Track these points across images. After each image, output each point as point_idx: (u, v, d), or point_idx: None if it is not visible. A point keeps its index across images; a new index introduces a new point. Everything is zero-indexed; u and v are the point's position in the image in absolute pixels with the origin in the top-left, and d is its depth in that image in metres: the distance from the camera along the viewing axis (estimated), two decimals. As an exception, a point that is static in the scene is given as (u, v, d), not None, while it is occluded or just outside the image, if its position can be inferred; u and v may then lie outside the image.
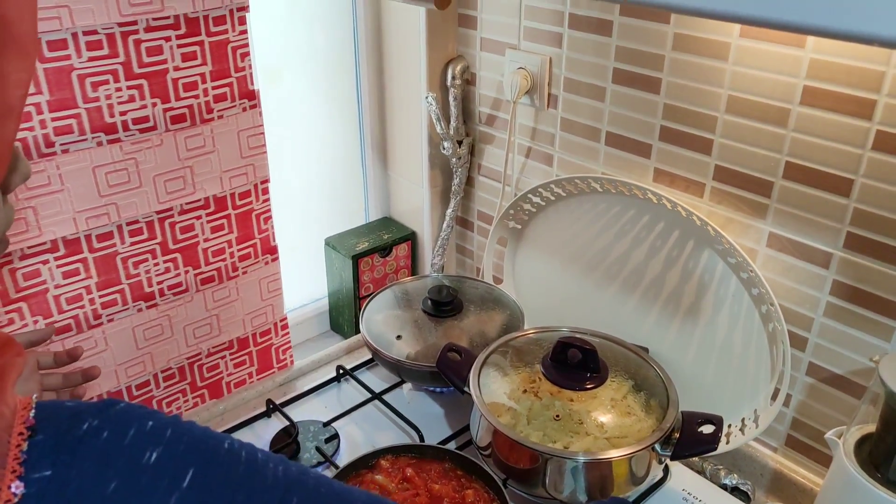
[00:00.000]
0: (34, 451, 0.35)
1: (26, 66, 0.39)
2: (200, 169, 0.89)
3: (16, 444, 0.35)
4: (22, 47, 0.39)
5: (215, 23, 0.85)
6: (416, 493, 0.76)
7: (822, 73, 0.71)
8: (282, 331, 1.08)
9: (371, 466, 0.79)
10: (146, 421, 0.38)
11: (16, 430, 0.35)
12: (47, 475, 0.34)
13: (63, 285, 0.84)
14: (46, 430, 0.36)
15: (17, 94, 0.39)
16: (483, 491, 0.77)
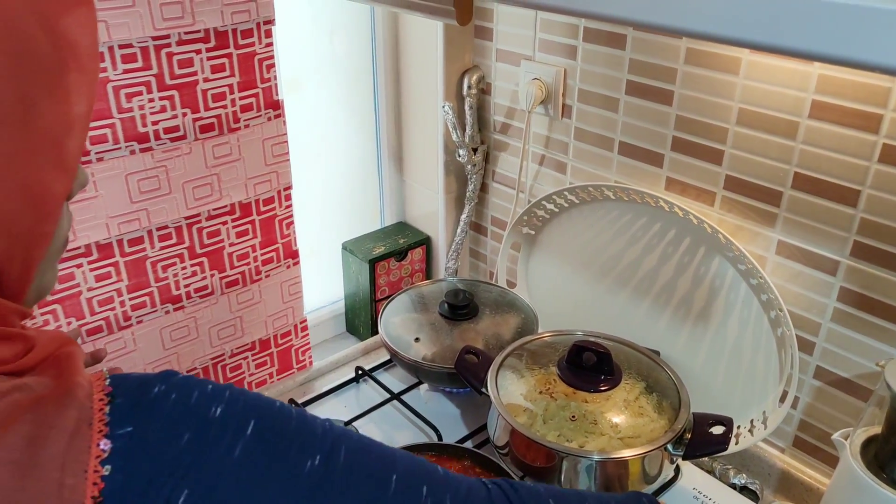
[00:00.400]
0: (115, 413, 0.39)
1: (88, 83, 0.42)
2: (227, 176, 0.92)
3: (98, 408, 0.39)
4: (84, 66, 0.42)
5: (243, 36, 0.88)
6: None
7: (830, 88, 0.74)
8: (301, 332, 1.11)
9: None
10: (206, 385, 0.42)
11: (96, 396, 0.39)
12: (129, 430, 0.38)
13: (95, 288, 0.88)
14: (123, 395, 0.40)
15: (80, 111, 0.42)
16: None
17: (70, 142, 0.41)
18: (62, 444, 0.37)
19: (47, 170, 0.40)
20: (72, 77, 0.41)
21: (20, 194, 0.39)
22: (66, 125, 0.41)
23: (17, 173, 0.39)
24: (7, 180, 0.39)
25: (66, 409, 0.38)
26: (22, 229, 0.40)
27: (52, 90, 0.40)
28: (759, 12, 0.44)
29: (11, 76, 0.38)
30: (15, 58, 0.38)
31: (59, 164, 0.41)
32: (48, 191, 0.41)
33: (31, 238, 0.41)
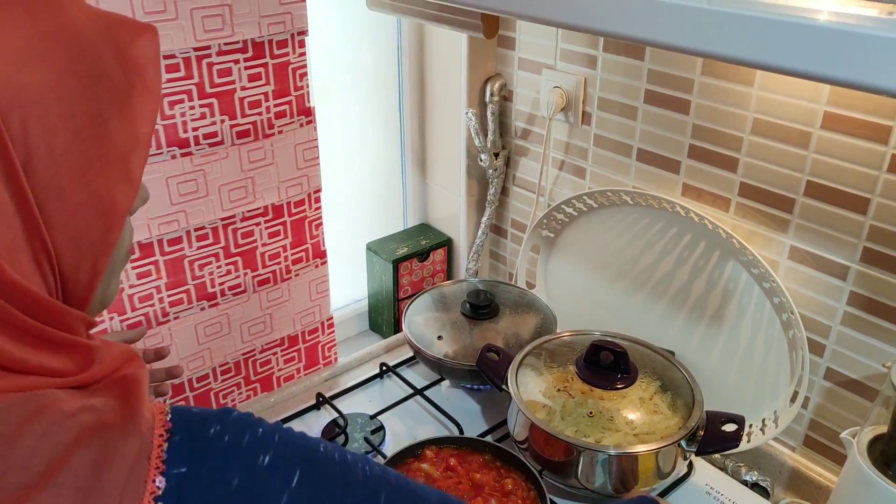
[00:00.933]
0: (172, 451, 0.41)
1: (152, 104, 0.46)
2: (260, 179, 0.97)
3: (158, 444, 0.41)
4: (149, 88, 0.45)
5: (278, 46, 0.92)
6: (459, 481, 0.83)
7: (841, 100, 0.77)
8: (328, 329, 1.15)
9: (417, 456, 0.86)
10: (257, 428, 0.43)
11: (157, 431, 0.41)
12: (183, 471, 0.40)
13: (137, 285, 0.92)
14: (181, 432, 0.42)
15: (145, 129, 0.45)
16: (521, 480, 0.83)
17: (135, 158, 0.44)
18: (124, 474, 0.39)
19: (115, 183, 0.43)
20: (138, 98, 0.44)
21: (90, 206, 0.42)
22: (133, 142, 0.44)
23: (88, 186, 0.41)
24: (79, 192, 0.41)
25: (129, 438, 0.40)
26: (90, 239, 0.43)
27: (122, 110, 0.43)
28: (768, 37, 0.48)
29: (87, 96, 0.41)
30: (90, 79, 0.41)
31: (126, 178, 0.44)
32: (115, 203, 0.43)
33: (97, 248, 0.43)
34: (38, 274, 0.41)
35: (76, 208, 0.41)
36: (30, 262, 0.41)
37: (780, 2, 0.52)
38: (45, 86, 0.39)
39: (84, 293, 0.44)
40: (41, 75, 0.39)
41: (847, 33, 0.46)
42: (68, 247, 0.42)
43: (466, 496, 0.81)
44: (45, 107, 0.39)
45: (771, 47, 0.49)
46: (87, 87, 0.41)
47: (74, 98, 0.41)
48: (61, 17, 0.41)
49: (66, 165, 0.40)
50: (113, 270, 0.48)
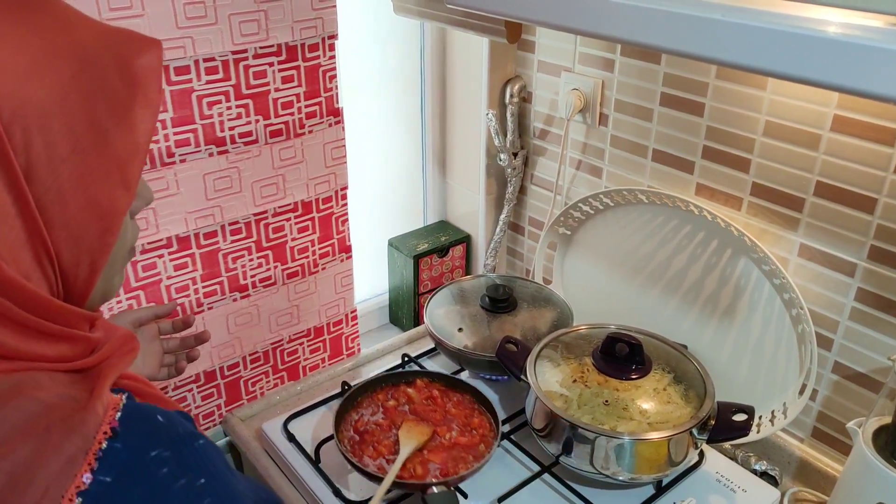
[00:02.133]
0: (109, 456, 0.41)
1: (151, 115, 0.48)
2: (291, 177, 1.01)
3: (98, 441, 0.42)
4: (149, 100, 0.47)
5: (310, 49, 0.97)
6: (435, 409, 0.94)
7: (850, 104, 0.80)
8: (351, 321, 1.20)
9: (409, 382, 0.98)
10: (199, 477, 0.43)
11: (102, 428, 0.42)
12: (107, 481, 0.41)
13: (174, 276, 0.97)
14: (126, 440, 0.42)
15: (143, 139, 0.47)
16: (487, 422, 0.93)
17: (133, 165, 0.47)
18: (58, 467, 0.40)
19: (113, 189, 0.45)
20: (138, 110, 0.46)
21: (88, 210, 0.44)
22: (132, 151, 0.46)
23: (87, 191, 0.44)
24: (78, 197, 0.44)
25: (73, 437, 0.41)
26: (88, 240, 0.45)
27: (122, 121, 0.45)
28: (780, 48, 0.52)
29: (88, 109, 0.44)
30: (91, 93, 0.44)
31: (123, 184, 0.46)
32: (112, 207, 0.46)
33: (96, 248, 0.46)
34: (39, 271, 0.44)
35: (75, 211, 0.44)
36: (31, 260, 0.43)
37: (790, 12, 0.56)
38: (48, 100, 0.42)
39: (83, 288, 0.47)
40: (44, 90, 0.42)
41: (854, 45, 0.50)
42: (68, 246, 0.44)
43: (438, 422, 0.91)
44: (47, 119, 0.42)
45: (782, 57, 0.53)
46: (89, 100, 0.44)
47: (76, 111, 0.43)
48: (66, 35, 0.44)
49: (65, 172, 0.43)
50: (114, 267, 0.50)
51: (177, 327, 0.85)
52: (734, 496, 0.90)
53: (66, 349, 0.46)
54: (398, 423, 0.91)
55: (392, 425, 0.91)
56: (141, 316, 0.81)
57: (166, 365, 0.84)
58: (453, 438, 0.90)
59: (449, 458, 0.87)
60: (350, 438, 0.90)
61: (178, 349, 0.85)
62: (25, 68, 0.41)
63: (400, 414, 0.93)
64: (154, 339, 0.83)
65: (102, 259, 0.47)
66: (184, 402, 1.06)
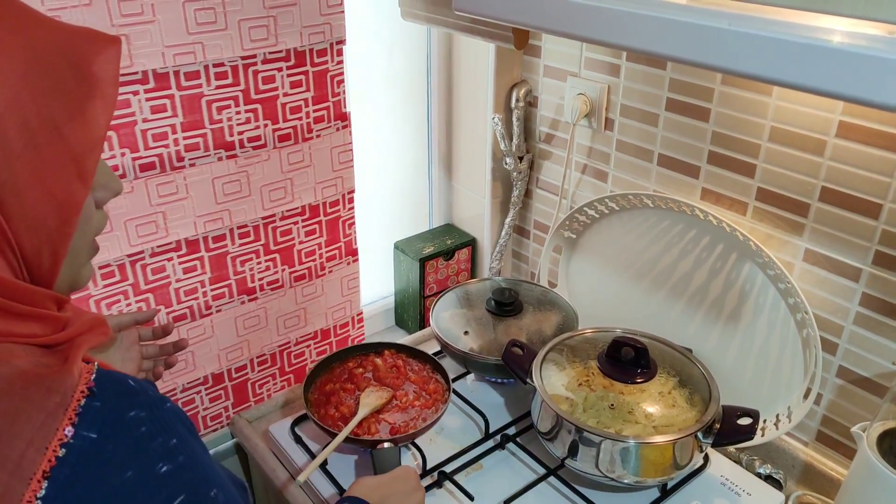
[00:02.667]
0: (89, 412, 0.44)
1: (107, 107, 0.49)
2: (299, 181, 1.02)
3: (77, 398, 0.44)
4: (105, 94, 0.49)
5: (318, 55, 0.97)
6: (397, 377, 1.01)
7: (855, 111, 0.81)
8: (358, 324, 1.21)
9: (378, 352, 1.05)
10: (171, 437, 0.47)
11: (79, 388, 0.45)
12: (93, 437, 0.44)
13: (183, 279, 0.98)
14: (104, 399, 0.45)
15: (99, 132, 0.49)
16: (442, 388, 1.01)
17: (89, 158, 0.48)
18: (38, 422, 0.43)
19: (69, 182, 0.47)
20: (94, 106, 0.48)
21: (45, 201, 0.46)
22: (87, 145, 0.48)
23: (44, 184, 0.46)
24: (36, 189, 0.45)
25: (52, 394, 0.44)
26: (47, 230, 0.47)
27: (75, 117, 0.47)
28: (784, 57, 0.52)
29: (40, 105, 0.45)
30: (43, 91, 0.45)
31: (80, 176, 0.48)
32: (70, 199, 0.47)
33: (55, 238, 0.48)
34: (3, 259, 0.46)
35: (33, 203, 0.46)
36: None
37: (796, 21, 0.56)
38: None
39: (48, 277, 0.49)
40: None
41: (858, 55, 0.50)
42: (28, 236, 0.46)
43: (397, 388, 0.99)
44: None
45: (787, 67, 0.54)
46: (41, 97, 0.45)
47: (27, 108, 0.44)
48: (17, 36, 0.45)
49: (20, 167, 0.44)
50: (79, 257, 0.52)
51: (156, 334, 0.86)
52: (739, 500, 0.90)
53: (37, 328, 0.48)
54: (362, 387, 0.99)
55: (356, 389, 0.99)
56: (122, 321, 0.83)
57: (144, 370, 0.85)
58: (409, 401, 0.98)
59: (402, 419, 0.95)
60: (316, 399, 0.98)
61: (157, 356, 0.86)
62: None
63: (364, 380, 1.01)
64: (133, 344, 0.84)
65: (63, 248, 0.48)
66: (191, 403, 1.07)
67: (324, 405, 0.96)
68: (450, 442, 0.99)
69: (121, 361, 0.81)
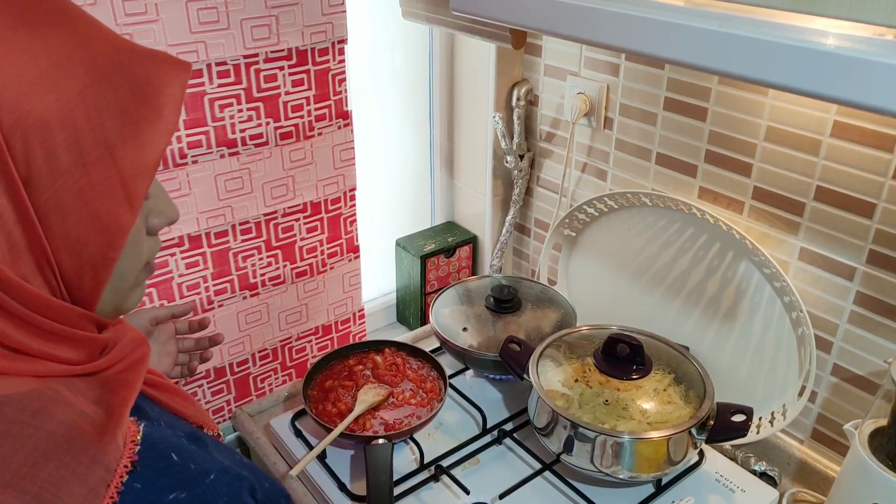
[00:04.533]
0: (130, 494, 0.42)
1: (166, 134, 0.47)
2: (301, 178, 1.04)
3: (120, 474, 0.43)
4: (166, 121, 0.47)
5: (320, 54, 0.99)
6: (396, 375, 1.03)
7: (850, 111, 0.81)
8: (359, 320, 1.22)
9: (378, 350, 1.07)
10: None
11: (122, 462, 0.43)
12: None
13: (185, 275, 0.99)
14: (145, 479, 0.43)
15: (153, 159, 0.47)
16: (438, 388, 1.02)
17: (139, 183, 0.46)
18: (80, 496, 0.41)
19: (116, 205, 0.45)
20: (151, 130, 0.46)
21: (90, 223, 0.45)
22: (139, 169, 0.46)
23: (88, 205, 0.44)
24: (78, 210, 0.44)
25: (95, 466, 0.42)
26: (89, 253, 0.45)
27: (130, 140, 0.45)
28: (773, 58, 0.53)
29: (94, 125, 0.44)
30: (98, 110, 0.44)
31: (128, 201, 0.46)
32: (115, 223, 0.46)
33: (98, 261, 0.46)
34: (41, 277, 0.45)
35: (76, 224, 0.44)
36: (32, 266, 0.44)
37: (789, 23, 0.57)
38: (50, 113, 0.42)
39: (89, 299, 0.48)
40: (47, 104, 0.42)
41: (850, 58, 0.51)
42: (68, 257, 0.45)
43: (395, 386, 1.01)
44: (48, 132, 0.42)
45: (779, 69, 0.54)
46: (96, 115, 0.44)
47: (80, 126, 0.43)
48: (80, 51, 0.44)
49: (66, 184, 0.43)
50: (125, 282, 0.50)
51: (193, 328, 0.87)
52: (733, 496, 0.91)
53: (71, 350, 0.47)
54: (360, 384, 1.01)
55: (354, 386, 1.00)
56: (158, 315, 0.83)
57: (180, 364, 0.87)
58: (405, 399, 0.99)
59: (397, 416, 0.97)
60: (315, 395, 0.99)
61: (193, 349, 0.87)
62: (32, 81, 0.42)
63: (363, 377, 1.02)
64: (170, 338, 0.85)
65: (105, 272, 0.47)
66: (194, 397, 1.08)
67: (322, 401, 0.98)
68: (447, 437, 1.00)
69: (157, 356, 0.82)
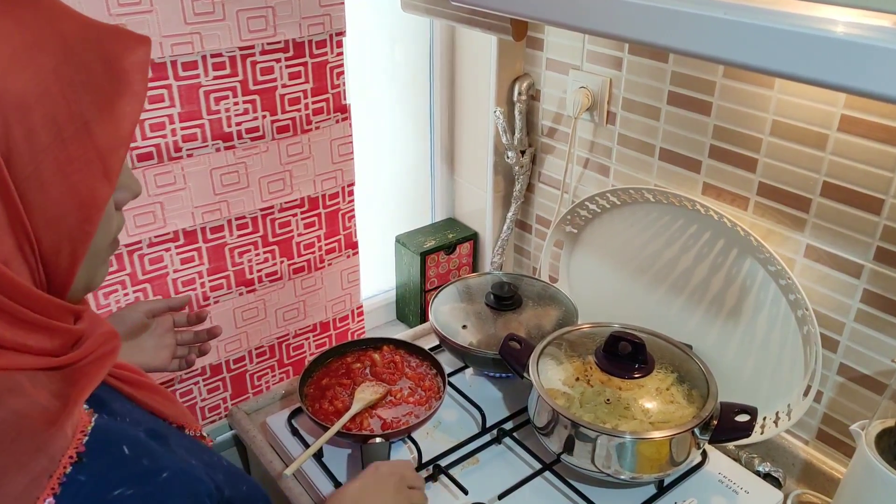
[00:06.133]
0: (72, 487, 0.42)
1: (136, 107, 0.48)
2: (298, 173, 1.02)
3: (64, 465, 0.43)
4: (136, 94, 0.48)
5: (317, 46, 0.97)
6: (394, 373, 1.02)
7: (857, 104, 0.79)
8: (357, 317, 1.20)
9: (376, 347, 1.05)
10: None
11: (68, 452, 0.43)
12: None
13: (180, 270, 0.98)
14: (90, 471, 0.43)
15: (127, 132, 0.48)
16: (437, 386, 1.01)
17: (115, 156, 0.47)
18: (22, 485, 0.41)
19: (94, 179, 0.46)
20: (122, 103, 0.47)
21: (69, 198, 0.45)
22: (114, 142, 0.47)
23: (68, 180, 0.45)
24: (60, 185, 0.45)
25: (40, 456, 0.42)
26: (68, 228, 0.46)
27: (104, 113, 0.46)
28: (781, 46, 0.51)
29: (69, 101, 0.45)
30: (73, 86, 0.45)
31: (105, 174, 0.47)
32: (93, 196, 0.46)
33: (76, 236, 0.47)
34: (20, 257, 0.45)
35: (56, 199, 0.45)
36: (12, 245, 0.44)
37: (797, 11, 0.55)
38: (27, 91, 0.43)
39: (65, 277, 0.48)
40: (23, 82, 0.43)
41: (860, 45, 0.49)
42: (48, 234, 0.45)
43: (393, 384, 1.00)
44: (26, 109, 0.43)
45: (787, 57, 0.53)
46: (71, 92, 0.45)
47: (57, 102, 0.44)
48: (49, 28, 0.44)
49: (46, 161, 0.43)
50: (97, 258, 0.51)
51: (191, 321, 0.87)
52: (736, 498, 0.89)
53: (47, 341, 0.47)
54: (358, 382, 0.99)
55: (352, 384, 0.99)
56: (154, 307, 0.83)
57: (178, 357, 0.86)
58: (403, 398, 0.98)
59: (394, 415, 0.95)
60: (312, 393, 0.98)
61: (192, 342, 0.87)
62: (6, 60, 0.42)
63: (361, 375, 1.01)
64: (168, 331, 0.84)
65: (83, 247, 0.47)
66: (189, 394, 1.07)
67: (319, 399, 0.97)
68: (446, 436, 0.99)
69: (154, 349, 0.82)
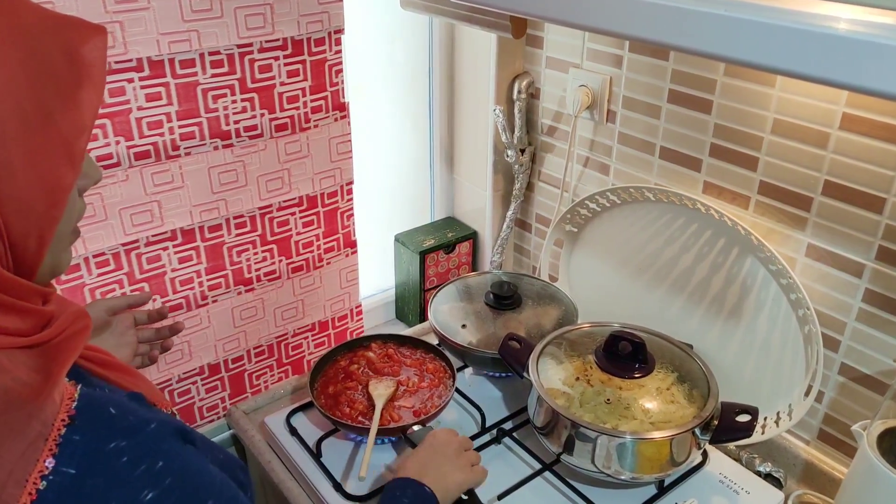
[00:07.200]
0: (69, 446, 0.45)
1: (97, 94, 0.50)
2: (296, 171, 1.02)
3: (57, 428, 0.45)
4: (95, 80, 0.50)
5: (316, 44, 0.97)
6: (393, 365, 1.02)
7: (859, 102, 0.79)
8: (356, 316, 1.20)
9: (366, 346, 1.05)
10: (157, 460, 0.47)
11: (60, 416, 0.46)
12: (72, 473, 0.44)
13: (178, 269, 0.98)
14: (84, 431, 0.46)
15: (89, 120, 0.50)
16: (441, 367, 1.02)
17: (79, 143, 0.49)
18: (19, 451, 0.43)
19: (59, 165, 0.48)
20: (84, 92, 0.49)
21: (37, 184, 0.47)
22: (77, 130, 0.49)
23: (36, 168, 0.46)
24: (28, 173, 0.46)
25: (32, 422, 0.44)
26: (36, 213, 0.48)
27: (67, 102, 0.48)
28: (782, 43, 0.51)
29: (35, 90, 0.46)
30: (38, 76, 0.46)
31: (69, 160, 0.48)
32: (59, 182, 0.48)
33: (43, 221, 0.48)
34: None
35: (24, 186, 0.46)
36: None
37: (798, 8, 0.55)
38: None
39: (32, 262, 0.49)
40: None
41: (862, 42, 0.49)
42: (17, 219, 0.46)
43: (398, 375, 1.01)
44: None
45: (788, 54, 0.52)
46: (36, 82, 0.46)
47: (23, 92, 0.45)
48: (13, 22, 0.46)
49: (15, 149, 0.45)
50: (61, 243, 0.53)
51: (152, 318, 0.86)
52: (737, 498, 0.89)
53: (19, 322, 0.48)
54: (364, 382, 0.99)
55: (359, 384, 0.99)
56: (114, 305, 0.83)
57: (140, 354, 0.86)
58: (415, 384, 0.99)
59: (417, 401, 0.97)
60: (325, 404, 0.96)
61: (153, 339, 0.86)
62: None
63: (364, 375, 1.01)
64: (128, 328, 0.84)
65: (49, 233, 0.49)
66: (188, 394, 1.06)
67: (335, 407, 0.96)
68: (445, 435, 0.98)
69: (115, 346, 0.82)
